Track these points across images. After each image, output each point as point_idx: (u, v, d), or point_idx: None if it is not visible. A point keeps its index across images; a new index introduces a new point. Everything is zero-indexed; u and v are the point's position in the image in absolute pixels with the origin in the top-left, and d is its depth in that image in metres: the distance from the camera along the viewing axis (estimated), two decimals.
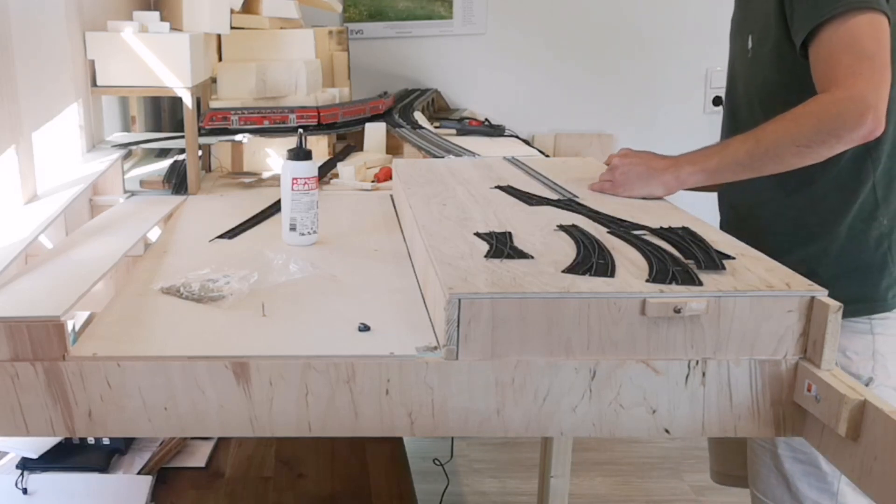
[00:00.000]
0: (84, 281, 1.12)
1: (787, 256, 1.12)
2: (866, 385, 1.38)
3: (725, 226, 1.59)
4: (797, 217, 1.44)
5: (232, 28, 2.13)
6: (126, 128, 2.24)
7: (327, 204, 1.55)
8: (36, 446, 1.74)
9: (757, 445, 1.51)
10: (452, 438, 2.70)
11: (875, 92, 1.24)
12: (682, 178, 1.40)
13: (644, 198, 1.42)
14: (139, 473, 1.75)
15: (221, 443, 1.93)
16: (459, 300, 0.95)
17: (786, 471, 1.45)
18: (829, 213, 1.42)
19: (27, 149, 1.46)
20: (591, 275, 1.02)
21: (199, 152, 1.88)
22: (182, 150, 1.89)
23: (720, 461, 1.76)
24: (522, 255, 1.10)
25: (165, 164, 1.99)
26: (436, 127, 2.34)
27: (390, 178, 1.87)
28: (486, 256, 1.09)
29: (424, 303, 1.14)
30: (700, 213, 1.33)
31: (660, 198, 1.42)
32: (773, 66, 1.42)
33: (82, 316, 1.25)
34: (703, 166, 1.38)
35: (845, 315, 1.36)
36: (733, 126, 1.54)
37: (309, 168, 1.38)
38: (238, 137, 1.92)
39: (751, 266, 1.06)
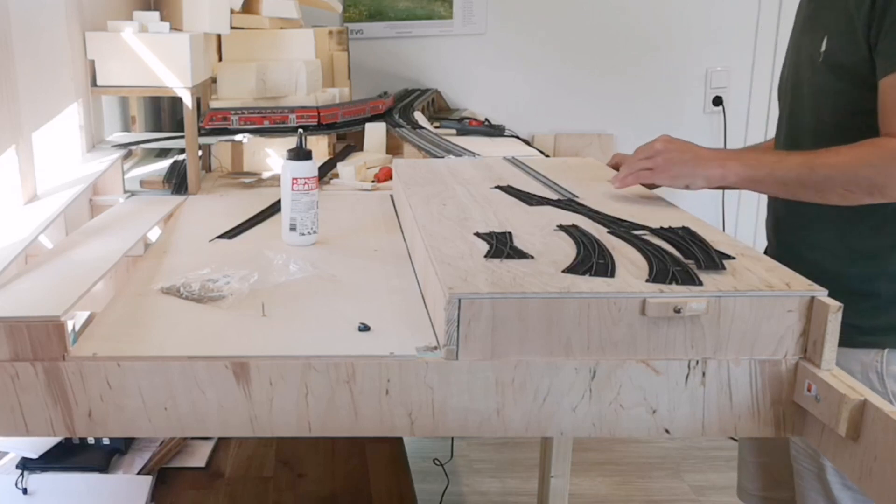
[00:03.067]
0: (84, 281, 1.12)
1: (841, 279, 1.06)
2: None
3: (772, 234, 1.53)
4: (855, 241, 1.37)
5: (232, 28, 2.13)
6: (126, 128, 2.24)
7: (327, 204, 1.54)
8: (36, 446, 1.74)
9: (803, 469, 1.45)
10: (452, 438, 2.71)
11: None
12: (727, 175, 1.33)
13: (686, 187, 1.35)
14: (139, 473, 1.75)
15: (221, 443, 1.93)
16: (459, 300, 0.95)
17: (835, 497, 1.41)
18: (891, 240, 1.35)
19: (27, 149, 1.46)
20: (591, 275, 1.02)
21: (199, 152, 1.88)
22: (182, 150, 1.89)
23: (749, 479, 1.70)
24: (522, 255, 1.10)
25: (165, 164, 1.99)
26: (436, 127, 2.34)
27: (390, 178, 1.87)
28: (486, 256, 1.09)
29: (424, 303, 1.14)
30: (700, 213, 1.33)
31: (696, 188, 1.35)
32: (856, 80, 1.32)
33: (82, 316, 1.25)
34: (750, 173, 1.32)
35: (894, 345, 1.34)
36: (794, 131, 1.47)
37: (309, 168, 1.38)
38: (238, 137, 1.92)
39: (751, 266, 1.06)
